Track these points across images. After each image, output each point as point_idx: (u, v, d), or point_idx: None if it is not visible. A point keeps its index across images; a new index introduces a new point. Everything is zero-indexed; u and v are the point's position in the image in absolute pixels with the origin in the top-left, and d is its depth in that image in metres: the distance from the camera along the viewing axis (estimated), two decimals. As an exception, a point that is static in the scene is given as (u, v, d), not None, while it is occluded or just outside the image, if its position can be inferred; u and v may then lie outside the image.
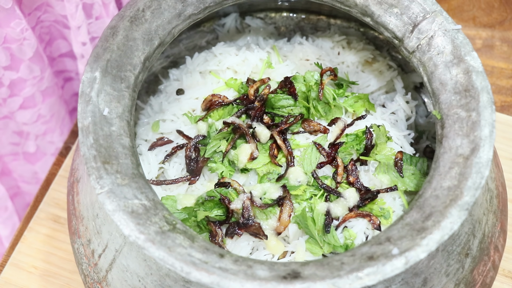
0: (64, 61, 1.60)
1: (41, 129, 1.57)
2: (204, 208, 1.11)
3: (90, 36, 1.50)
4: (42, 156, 1.64)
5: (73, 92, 1.70)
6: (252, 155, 1.14)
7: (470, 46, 1.04)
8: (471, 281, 1.05)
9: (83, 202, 1.10)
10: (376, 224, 1.08)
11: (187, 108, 1.23)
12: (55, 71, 1.60)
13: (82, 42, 1.48)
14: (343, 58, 1.30)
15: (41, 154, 1.64)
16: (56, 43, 1.54)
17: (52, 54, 1.56)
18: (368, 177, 1.14)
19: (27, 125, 1.54)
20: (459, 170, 0.96)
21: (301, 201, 1.11)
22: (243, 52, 1.28)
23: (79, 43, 1.48)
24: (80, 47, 1.49)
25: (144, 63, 1.07)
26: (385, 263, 0.89)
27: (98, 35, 1.53)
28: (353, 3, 1.12)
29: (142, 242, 0.90)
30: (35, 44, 1.39)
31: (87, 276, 1.10)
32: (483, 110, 0.99)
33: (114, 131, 0.99)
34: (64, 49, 1.57)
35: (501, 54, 1.66)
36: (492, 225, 1.09)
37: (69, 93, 1.69)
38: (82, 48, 1.49)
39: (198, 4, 1.12)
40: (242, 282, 0.87)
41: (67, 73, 1.64)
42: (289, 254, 1.09)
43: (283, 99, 1.19)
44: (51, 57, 1.56)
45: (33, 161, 1.64)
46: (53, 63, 1.58)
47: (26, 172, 1.66)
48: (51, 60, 1.57)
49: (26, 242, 1.40)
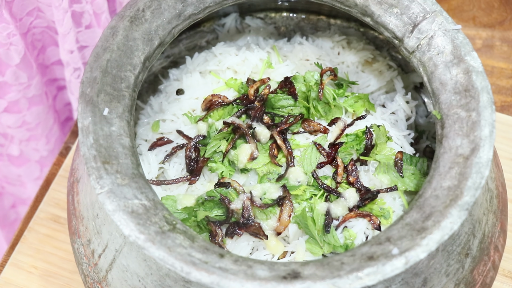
0: (57, 69, 1.58)
1: (25, 135, 1.55)
2: (204, 208, 1.11)
3: (78, 45, 1.48)
4: (26, 161, 1.63)
5: (65, 101, 1.68)
6: (252, 155, 1.14)
7: (470, 46, 1.04)
8: (471, 281, 1.05)
9: (83, 202, 1.10)
10: (376, 224, 1.08)
11: (187, 108, 1.23)
12: (48, 79, 1.58)
13: (69, 50, 1.46)
14: (343, 58, 1.30)
15: (24, 159, 1.63)
16: (49, 50, 1.52)
17: (45, 62, 1.54)
18: (368, 177, 1.14)
19: (11, 128, 1.52)
20: (459, 170, 0.96)
21: (301, 201, 1.11)
22: (243, 52, 1.28)
23: (66, 51, 1.46)
24: (67, 54, 1.47)
25: (144, 63, 1.07)
26: (385, 263, 0.89)
27: (88, 44, 1.51)
28: (353, 3, 1.12)
29: (142, 242, 0.90)
30: (22, 51, 1.37)
31: (87, 276, 1.10)
32: (483, 110, 0.99)
33: (114, 131, 0.99)
34: (58, 57, 1.55)
35: (501, 54, 1.66)
36: (492, 225, 1.09)
37: (62, 103, 1.67)
38: (69, 56, 1.47)
39: (198, 4, 1.12)
40: (242, 282, 0.87)
41: (61, 82, 1.62)
42: (289, 254, 1.09)
43: (283, 99, 1.19)
44: (43, 65, 1.54)
45: (17, 164, 1.63)
46: (46, 71, 1.56)
47: (10, 173, 1.64)
48: (43, 68, 1.54)
49: (26, 242, 1.40)
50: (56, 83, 1.61)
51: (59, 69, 1.58)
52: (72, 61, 1.49)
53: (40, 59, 1.52)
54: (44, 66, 1.55)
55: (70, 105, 1.68)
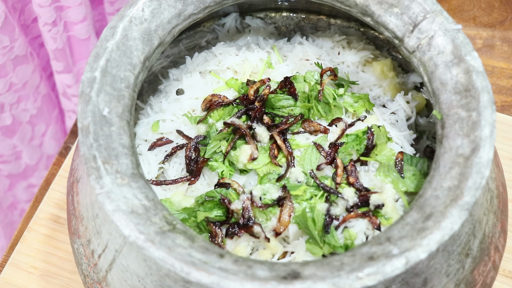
0: (37, 26, 1.58)
1: (14, 97, 1.56)
2: (204, 208, 1.10)
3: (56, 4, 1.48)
4: (18, 125, 1.63)
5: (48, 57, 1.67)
6: (252, 156, 1.13)
7: (471, 46, 1.04)
8: (471, 281, 1.05)
9: (82, 202, 1.10)
10: (376, 224, 1.08)
11: (187, 108, 1.23)
12: (31, 38, 1.58)
13: (38, 4, 1.45)
14: (343, 58, 1.30)
15: (17, 123, 1.63)
16: (27, 8, 1.52)
17: (26, 22, 1.54)
18: (369, 177, 1.14)
19: (1, 95, 1.53)
20: (459, 170, 0.96)
21: (301, 201, 1.11)
22: (243, 52, 1.28)
23: (36, 4, 1.46)
24: (37, 7, 1.46)
25: (144, 63, 1.07)
26: (385, 263, 0.88)
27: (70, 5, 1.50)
28: (353, 3, 1.11)
29: (142, 242, 0.90)
30: (3, 15, 1.37)
31: (87, 276, 1.10)
32: (484, 110, 0.99)
33: (114, 131, 0.99)
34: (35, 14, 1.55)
35: (502, 54, 1.66)
36: (492, 225, 1.09)
37: (45, 59, 1.67)
38: (40, 9, 1.46)
39: (198, 4, 1.12)
40: (242, 282, 0.87)
41: (41, 39, 1.62)
42: (289, 254, 1.09)
43: (283, 99, 1.19)
44: (25, 25, 1.54)
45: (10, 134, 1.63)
46: (27, 30, 1.56)
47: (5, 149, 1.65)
48: (25, 28, 1.54)
49: (25, 242, 1.40)
50: (37, 41, 1.62)
51: (37, 25, 1.59)
52: (44, 15, 1.49)
53: (22, 19, 1.52)
54: (26, 26, 1.55)
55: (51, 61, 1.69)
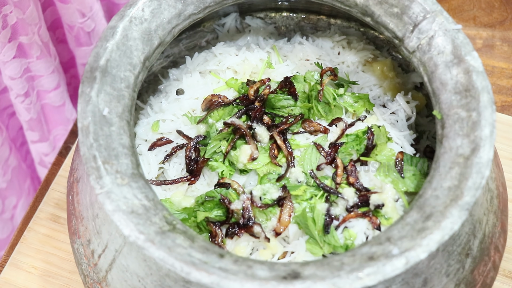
0: (4, 97, 1.59)
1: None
2: (204, 208, 1.10)
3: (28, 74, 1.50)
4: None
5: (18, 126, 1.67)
6: (252, 156, 1.13)
7: (471, 46, 1.04)
8: (471, 282, 1.05)
9: (82, 202, 1.10)
10: (376, 224, 1.08)
11: (187, 108, 1.23)
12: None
13: (10, 76, 1.47)
14: (343, 58, 1.30)
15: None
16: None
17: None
18: (369, 177, 1.14)
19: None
20: (459, 170, 0.96)
21: (301, 201, 1.10)
22: (243, 52, 1.28)
23: (7, 77, 1.48)
24: (8, 80, 1.48)
25: (144, 63, 1.07)
26: (385, 263, 0.88)
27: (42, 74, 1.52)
28: (353, 3, 1.11)
29: (142, 242, 0.90)
30: None
31: (87, 276, 1.10)
32: (484, 110, 0.99)
33: (114, 131, 0.99)
34: (4, 85, 1.55)
35: (502, 54, 1.66)
36: (492, 225, 1.09)
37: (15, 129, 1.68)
38: (11, 81, 1.48)
39: (198, 4, 1.12)
40: (242, 282, 0.87)
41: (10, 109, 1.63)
42: (289, 254, 1.09)
43: (283, 99, 1.18)
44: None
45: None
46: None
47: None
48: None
49: (25, 242, 1.40)
50: (6, 111, 1.63)
51: (6, 96, 1.59)
52: (16, 87, 1.50)
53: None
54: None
55: (22, 129, 1.70)
